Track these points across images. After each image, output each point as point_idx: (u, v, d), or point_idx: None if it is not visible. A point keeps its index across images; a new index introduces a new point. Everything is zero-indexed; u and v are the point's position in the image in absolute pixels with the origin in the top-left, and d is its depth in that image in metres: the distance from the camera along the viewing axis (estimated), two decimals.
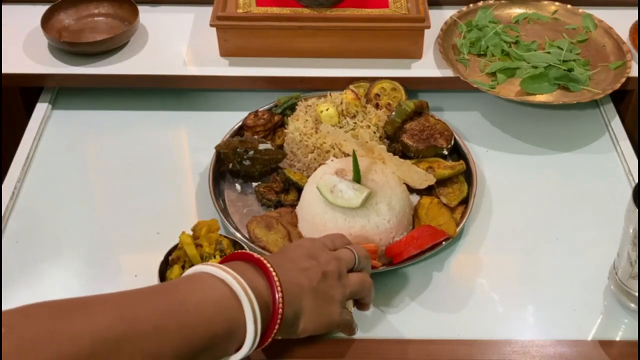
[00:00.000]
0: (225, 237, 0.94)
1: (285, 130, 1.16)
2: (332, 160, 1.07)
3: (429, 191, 1.08)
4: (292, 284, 0.78)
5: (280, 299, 0.75)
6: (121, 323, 0.64)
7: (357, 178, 0.99)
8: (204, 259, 0.91)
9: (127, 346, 0.64)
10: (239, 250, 0.81)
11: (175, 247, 0.92)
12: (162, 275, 0.91)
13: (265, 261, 0.77)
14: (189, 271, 0.76)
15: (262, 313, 0.73)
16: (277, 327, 0.75)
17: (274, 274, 0.76)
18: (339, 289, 0.83)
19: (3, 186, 1.11)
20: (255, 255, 0.78)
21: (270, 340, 0.76)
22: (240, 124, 1.17)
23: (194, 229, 0.93)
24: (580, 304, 0.96)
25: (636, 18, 1.32)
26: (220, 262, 0.79)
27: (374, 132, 1.12)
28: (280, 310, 0.75)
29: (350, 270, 0.86)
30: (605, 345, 0.90)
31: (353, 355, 0.89)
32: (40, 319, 0.62)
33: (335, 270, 0.83)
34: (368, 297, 0.89)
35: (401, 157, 1.05)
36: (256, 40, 1.25)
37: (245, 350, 0.73)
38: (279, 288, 0.75)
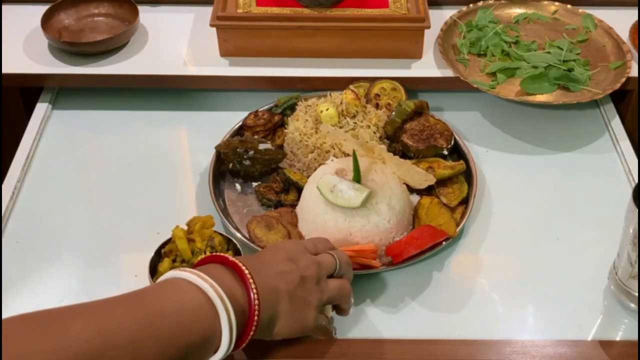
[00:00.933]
0: (219, 234, 0.94)
1: (285, 130, 1.16)
2: (332, 160, 1.07)
3: (429, 191, 1.08)
4: (268, 288, 0.77)
5: (257, 305, 0.75)
6: (98, 337, 0.64)
7: (357, 178, 0.99)
8: (194, 253, 0.91)
9: None
10: (215, 253, 0.80)
11: (169, 241, 0.93)
12: (153, 266, 0.91)
13: (241, 265, 0.76)
14: (166, 276, 0.75)
15: (238, 319, 0.73)
16: (252, 332, 0.75)
17: (250, 280, 0.75)
18: (316, 294, 0.82)
19: (3, 186, 1.11)
20: (231, 258, 0.77)
21: (245, 344, 0.76)
22: (240, 124, 1.17)
23: (188, 224, 0.94)
24: (580, 304, 0.96)
25: (636, 18, 1.32)
26: (197, 264, 0.79)
27: (374, 132, 1.12)
28: (256, 316, 0.75)
29: (331, 276, 0.86)
30: (605, 345, 0.90)
31: (353, 355, 0.89)
32: (17, 338, 0.61)
33: (314, 275, 0.82)
34: (346, 303, 0.89)
35: (401, 157, 1.05)
36: (256, 40, 1.25)
37: (219, 355, 0.73)
38: (255, 294, 0.75)
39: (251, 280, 0.75)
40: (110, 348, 0.64)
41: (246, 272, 0.75)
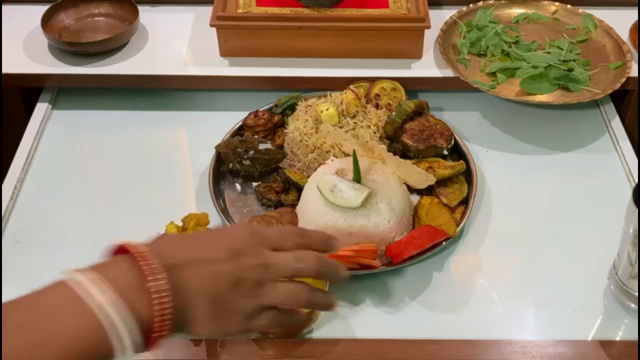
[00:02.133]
0: None
1: (285, 130, 1.16)
2: (332, 160, 1.07)
3: (429, 191, 1.08)
4: (184, 291, 0.69)
5: (161, 315, 0.66)
6: None
7: (358, 178, 0.99)
8: None
9: None
10: (128, 244, 0.72)
11: None
12: None
13: (148, 266, 0.67)
14: (64, 277, 0.69)
15: (138, 333, 0.65)
16: (159, 340, 0.67)
17: (154, 285, 0.66)
18: (250, 299, 0.72)
19: (3, 186, 1.11)
20: (142, 253, 0.69)
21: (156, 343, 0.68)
22: (240, 124, 1.17)
23: (183, 220, 0.95)
24: (580, 304, 0.96)
25: (636, 18, 1.32)
26: (109, 254, 0.72)
27: (374, 132, 1.12)
28: (160, 328, 0.67)
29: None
30: (605, 345, 0.90)
31: (353, 355, 0.89)
32: None
33: (254, 278, 0.72)
34: (312, 307, 0.83)
35: (401, 157, 1.05)
36: (256, 40, 1.25)
37: None
38: (161, 303, 0.66)
39: (155, 286, 0.66)
40: None
41: (151, 279, 0.66)
